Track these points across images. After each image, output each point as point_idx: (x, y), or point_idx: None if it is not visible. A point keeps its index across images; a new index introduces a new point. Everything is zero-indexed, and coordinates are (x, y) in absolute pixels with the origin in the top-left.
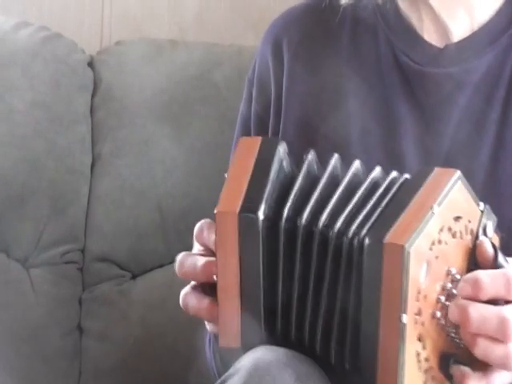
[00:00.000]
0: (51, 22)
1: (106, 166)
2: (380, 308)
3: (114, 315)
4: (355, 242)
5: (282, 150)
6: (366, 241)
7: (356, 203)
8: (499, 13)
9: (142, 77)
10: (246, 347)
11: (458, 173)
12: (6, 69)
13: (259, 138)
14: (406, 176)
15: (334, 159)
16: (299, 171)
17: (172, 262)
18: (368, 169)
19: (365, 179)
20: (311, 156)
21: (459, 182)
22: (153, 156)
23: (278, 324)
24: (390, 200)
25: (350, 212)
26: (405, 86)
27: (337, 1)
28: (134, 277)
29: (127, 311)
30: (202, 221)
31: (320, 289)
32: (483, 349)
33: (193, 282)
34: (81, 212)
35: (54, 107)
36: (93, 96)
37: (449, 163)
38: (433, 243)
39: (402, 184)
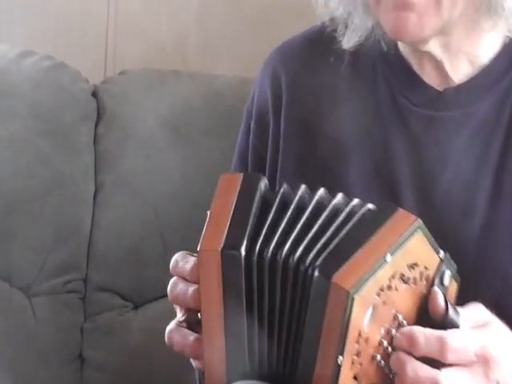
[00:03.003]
0: (55, 51)
1: (108, 195)
2: (319, 345)
3: (116, 345)
4: (309, 271)
5: (263, 185)
6: (316, 273)
7: (316, 231)
8: (498, 57)
9: (146, 107)
10: (230, 382)
11: (419, 221)
12: (11, 97)
13: (241, 175)
14: (369, 206)
15: (302, 188)
16: (272, 206)
17: None
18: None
19: (327, 207)
20: (283, 189)
21: (418, 230)
22: (156, 186)
23: (256, 357)
24: (348, 232)
25: (310, 239)
26: (403, 127)
27: (336, 36)
28: (135, 307)
29: (129, 341)
30: (177, 254)
31: (282, 318)
32: None
33: (178, 318)
34: (83, 241)
35: (58, 136)
36: (96, 125)
37: (446, 206)
38: (381, 289)
39: (363, 216)
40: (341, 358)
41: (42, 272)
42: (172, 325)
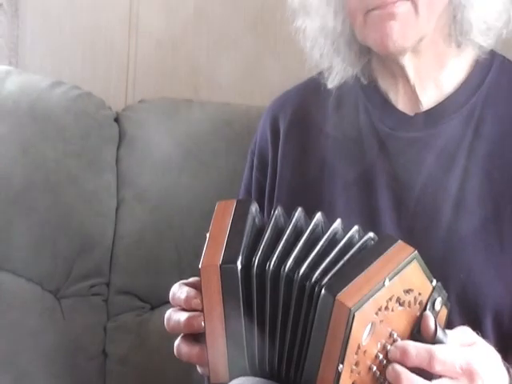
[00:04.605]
0: (82, 82)
1: (128, 209)
2: (323, 354)
3: (135, 342)
4: (316, 288)
5: (254, 208)
6: (323, 291)
7: (318, 252)
8: (462, 86)
9: (162, 131)
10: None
11: (415, 253)
12: (43, 122)
13: (234, 201)
14: (370, 235)
15: (298, 212)
16: (267, 225)
17: None
18: (349, 222)
19: (326, 230)
20: (278, 211)
21: (414, 260)
22: (171, 201)
23: (255, 358)
24: (352, 257)
25: (313, 259)
26: (381, 149)
27: (325, 83)
28: (152, 308)
29: (146, 339)
30: (173, 286)
31: (285, 326)
32: None
33: (181, 336)
34: (106, 250)
35: (84, 157)
36: (118, 148)
37: (418, 213)
38: (379, 309)
39: (365, 243)
40: (341, 366)
41: (70, 277)
42: (178, 340)
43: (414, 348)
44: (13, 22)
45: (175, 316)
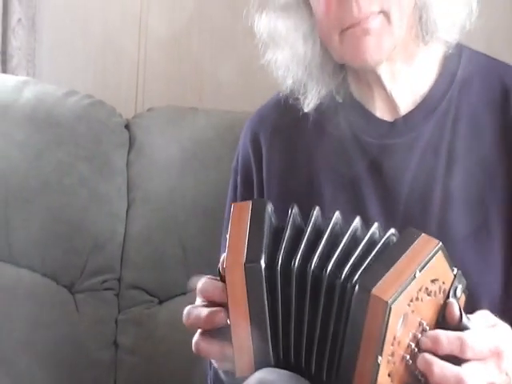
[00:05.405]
0: (95, 91)
1: (138, 210)
2: (360, 347)
3: (144, 334)
4: (348, 285)
5: (269, 208)
6: (356, 288)
7: (342, 249)
8: (435, 84)
9: (169, 137)
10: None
11: (440, 244)
12: (58, 128)
13: (250, 201)
14: (392, 231)
15: (316, 211)
16: (286, 224)
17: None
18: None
19: (343, 229)
20: (295, 210)
21: (440, 251)
22: (177, 202)
23: (279, 351)
24: (379, 253)
25: (338, 256)
26: (364, 157)
27: (303, 107)
28: (160, 302)
29: (154, 330)
30: (204, 279)
31: (314, 321)
32: None
33: (200, 330)
34: (117, 248)
35: (96, 161)
36: (128, 153)
37: (406, 214)
38: (411, 300)
39: (388, 239)
40: (380, 358)
41: (83, 273)
42: (197, 336)
43: (445, 336)
44: (30, 35)
45: (195, 311)
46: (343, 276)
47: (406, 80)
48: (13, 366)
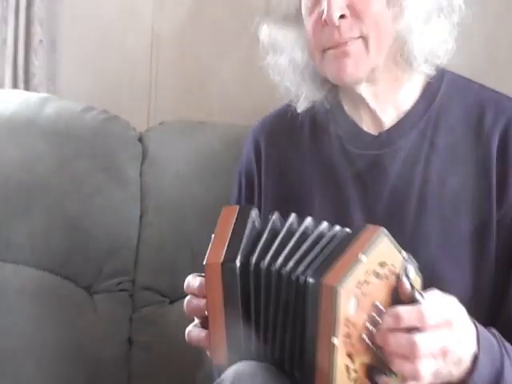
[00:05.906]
0: (110, 107)
1: (151, 217)
2: (318, 332)
3: (156, 332)
4: (301, 279)
5: (254, 213)
6: (310, 280)
7: (305, 249)
8: (417, 103)
9: (179, 150)
10: (231, 363)
11: (384, 230)
12: (76, 141)
13: (237, 206)
14: (347, 230)
15: (292, 217)
16: (265, 228)
17: None
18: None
19: (314, 232)
20: (275, 216)
21: (384, 236)
22: (187, 210)
23: (252, 344)
24: (332, 248)
25: (300, 256)
26: (350, 167)
27: (297, 108)
28: (171, 302)
29: (166, 329)
30: (188, 276)
31: (276, 314)
32: (398, 366)
33: (194, 322)
34: (131, 253)
35: (112, 172)
36: (142, 164)
37: (384, 220)
38: (359, 282)
39: (341, 236)
40: (335, 338)
41: (100, 275)
42: (190, 327)
43: (405, 311)
44: (51, 56)
45: (195, 300)
46: (298, 271)
47: (389, 99)
48: (39, 361)
